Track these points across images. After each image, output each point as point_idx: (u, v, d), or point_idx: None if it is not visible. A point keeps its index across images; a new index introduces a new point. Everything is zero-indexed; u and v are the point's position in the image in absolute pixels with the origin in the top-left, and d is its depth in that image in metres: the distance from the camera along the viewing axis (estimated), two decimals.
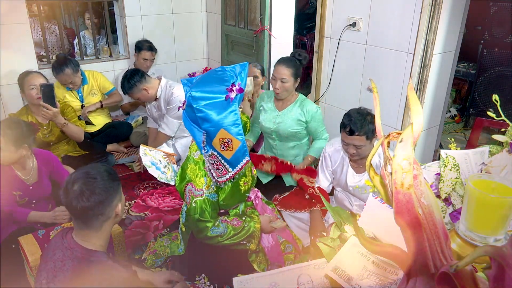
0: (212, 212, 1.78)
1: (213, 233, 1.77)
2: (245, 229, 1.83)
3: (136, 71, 3.02)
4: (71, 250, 1.30)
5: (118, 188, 1.37)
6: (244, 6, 3.64)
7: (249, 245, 1.86)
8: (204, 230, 1.77)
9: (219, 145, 1.65)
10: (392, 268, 0.93)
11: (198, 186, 1.75)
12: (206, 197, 1.76)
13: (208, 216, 1.76)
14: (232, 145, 1.64)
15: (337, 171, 2.26)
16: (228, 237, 1.79)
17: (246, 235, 1.83)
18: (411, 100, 0.77)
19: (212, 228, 1.77)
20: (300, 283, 1.07)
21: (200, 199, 1.75)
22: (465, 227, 0.85)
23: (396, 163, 0.68)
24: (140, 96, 3.05)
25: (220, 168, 1.71)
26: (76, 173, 1.32)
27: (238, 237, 1.82)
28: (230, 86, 1.62)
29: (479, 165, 1.14)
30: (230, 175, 1.72)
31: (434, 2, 2.25)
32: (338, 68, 2.96)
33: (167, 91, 3.09)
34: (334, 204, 2.41)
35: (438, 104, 2.73)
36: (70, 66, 3.14)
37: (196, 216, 1.75)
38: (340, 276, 0.92)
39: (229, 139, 1.64)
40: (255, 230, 1.86)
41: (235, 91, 1.62)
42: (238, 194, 1.87)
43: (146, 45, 3.73)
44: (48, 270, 1.30)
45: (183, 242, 2.04)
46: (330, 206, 1.15)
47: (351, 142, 1.99)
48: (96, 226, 1.33)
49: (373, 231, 1.01)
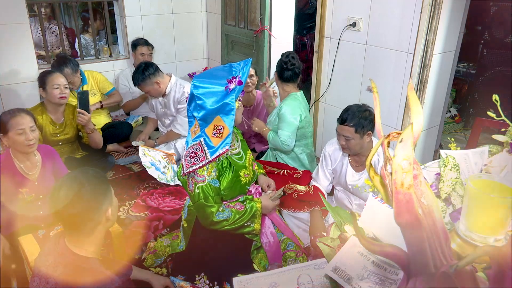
0: (215, 197, 1.83)
1: (219, 217, 1.82)
2: (248, 210, 1.88)
3: (151, 64, 3.04)
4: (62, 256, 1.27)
5: (107, 192, 1.33)
6: (244, 6, 3.64)
7: (253, 225, 1.89)
8: (210, 216, 1.81)
9: (212, 132, 1.77)
10: (392, 268, 0.93)
11: (200, 172, 1.80)
12: (208, 183, 1.81)
13: (212, 201, 1.81)
14: (223, 133, 1.76)
15: (337, 170, 2.27)
16: (233, 220, 1.84)
17: (250, 216, 1.88)
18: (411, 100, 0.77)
19: (217, 213, 1.82)
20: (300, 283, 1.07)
21: (202, 185, 1.80)
22: (465, 227, 0.85)
23: (396, 163, 0.68)
24: (151, 89, 3.05)
25: (200, 155, 1.79)
26: (62, 179, 1.29)
27: (243, 219, 1.86)
28: (231, 78, 1.72)
29: (479, 165, 1.14)
30: (206, 162, 1.78)
31: (434, 2, 2.25)
32: (338, 68, 2.96)
33: (178, 89, 3.09)
34: (334, 204, 2.41)
35: (438, 104, 2.73)
36: (69, 66, 3.14)
37: (201, 201, 1.80)
38: (340, 276, 0.92)
39: (221, 127, 1.76)
40: (257, 209, 1.91)
41: (235, 83, 1.73)
42: (239, 185, 1.92)
43: (141, 41, 3.76)
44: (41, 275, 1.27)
45: (184, 240, 2.05)
46: (330, 206, 1.15)
47: (341, 132, 2.04)
48: (86, 232, 1.30)
49: (373, 231, 1.01)
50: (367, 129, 2.01)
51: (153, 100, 3.30)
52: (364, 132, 2.00)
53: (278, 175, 2.50)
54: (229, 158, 1.89)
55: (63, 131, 2.81)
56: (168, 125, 3.32)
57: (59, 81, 2.67)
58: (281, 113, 2.58)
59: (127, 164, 3.38)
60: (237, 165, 1.91)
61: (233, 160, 1.91)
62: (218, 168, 1.84)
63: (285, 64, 2.58)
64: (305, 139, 2.72)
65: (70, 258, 1.27)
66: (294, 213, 2.32)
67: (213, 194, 1.82)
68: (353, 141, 2.02)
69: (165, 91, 3.09)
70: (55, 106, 2.74)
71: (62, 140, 2.83)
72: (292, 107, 2.57)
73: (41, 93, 2.71)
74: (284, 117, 2.56)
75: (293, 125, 2.56)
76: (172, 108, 3.17)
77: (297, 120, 2.57)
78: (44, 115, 2.73)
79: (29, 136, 2.03)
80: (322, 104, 3.18)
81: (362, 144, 2.05)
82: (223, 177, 1.88)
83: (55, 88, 2.66)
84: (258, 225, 1.91)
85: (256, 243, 2.01)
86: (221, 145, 1.78)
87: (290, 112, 2.56)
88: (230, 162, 1.89)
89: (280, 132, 2.59)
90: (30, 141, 2.04)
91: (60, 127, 2.80)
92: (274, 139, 2.64)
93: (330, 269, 0.94)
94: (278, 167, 2.60)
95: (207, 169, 1.80)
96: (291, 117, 2.55)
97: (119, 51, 4.29)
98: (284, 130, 2.57)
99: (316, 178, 2.38)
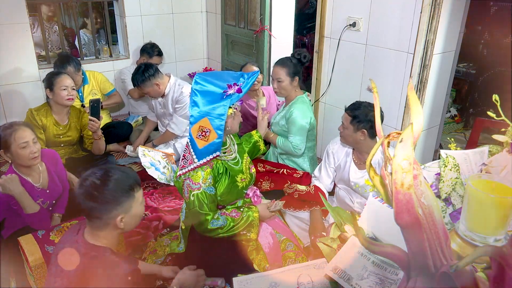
0: (210, 204, 1.81)
1: (213, 225, 1.80)
2: (244, 218, 1.86)
3: (150, 65, 3.05)
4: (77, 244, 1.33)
5: (123, 200, 1.35)
6: (244, 6, 3.64)
7: (249, 234, 1.88)
8: (204, 223, 1.80)
9: (196, 133, 1.73)
10: (392, 268, 0.93)
11: (195, 180, 1.78)
12: (204, 190, 1.79)
13: (206, 209, 1.80)
14: (209, 136, 1.72)
15: (340, 166, 2.28)
16: (228, 228, 1.82)
17: (246, 225, 1.86)
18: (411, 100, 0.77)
19: (212, 221, 1.80)
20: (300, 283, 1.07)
21: (197, 192, 1.78)
22: (465, 227, 0.85)
23: (396, 163, 0.68)
24: (150, 91, 3.06)
25: (188, 157, 1.78)
26: (95, 170, 1.35)
27: (238, 227, 1.84)
28: (232, 84, 1.71)
29: (479, 165, 1.14)
30: (194, 166, 1.76)
31: (434, 2, 2.25)
32: (338, 68, 2.96)
33: (176, 89, 3.10)
34: (336, 202, 2.41)
35: (438, 104, 2.73)
36: (72, 65, 3.17)
37: (195, 209, 1.79)
38: (340, 276, 0.92)
39: (208, 130, 1.71)
40: (254, 219, 1.89)
41: (234, 89, 1.70)
42: (235, 190, 1.91)
43: (156, 51, 3.80)
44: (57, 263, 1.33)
45: (183, 241, 2.05)
46: (330, 206, 1.15)
47: (342, 118, 2.10)
48: (96, 226, 1.35)
49: (373, 231, 1.01)
50: (362, 125, 2.01)
51: (153, 101, 3.31)
52: (359, 127, 2.01)
53: (278, 174, 2.50)
54: (225, 164, 1.87)
55: (66, 133, 2.81)
56: (167, 125, 3.33)
57: (67, 83, 2.68)
58: (292, 117, 2.55)
59: (127, 164, 3.38)
60: (234, 171, 1.90)
61: (229, 166, 1.89)
62: (214, 175, 1.83)
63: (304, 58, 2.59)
64: (309, 142, 2.71)
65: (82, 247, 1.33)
66: (294, 213, 2.32)
67: (208, 201, 1.80)
68: (346, 131, 2.07)
69: (164, 92, 3.10)
70: (61, 107, 2.75)
71: (64, 142, 2.84)
72: (303, 111, 2.55)
73: (48, 94, 2.70)
74: (295, 121, 2.54)
75: (304, 129, 2.56)
76: (170, 108, 3.17)
77: (308, 123, 2.57)
78: (49, 116, 2.74)
79: (33, 149, 2.00)
80: (322, 104, 3.18)
81: (356, 139, 2.06)
82: (220, 183, 1.86)
83: (63, 89, 2.67)
84: (254, 235, 1.90)
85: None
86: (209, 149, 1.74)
87: (301, 116, 2.54)
88: (226, 168, 1.88)
89: (291, 137, 2.57)
90: (34, 154, 2.01)
91: (64, 129, 2.80)
92: (284, 145, 2.61)
93: (330, 269, 0.94)
94: (278, 167, 2.59)
95: (202, 177, 1.78)
96: (302, 121, 2.54)
97: (119, 51, 4.29)
98: (296, 135, 2.55)
99: (318, 176, 2.38)
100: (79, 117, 2.86)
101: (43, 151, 2.21)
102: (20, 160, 2.00)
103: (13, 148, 1.97)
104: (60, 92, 2.66)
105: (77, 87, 3.32)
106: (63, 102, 2.70)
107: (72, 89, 2.70)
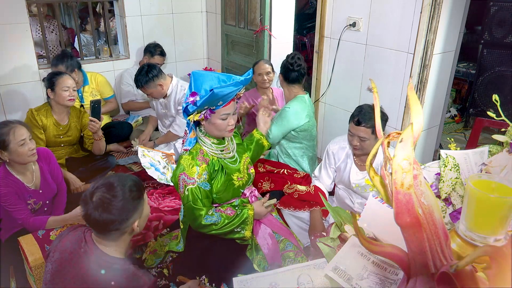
0: (204, 200, 1.82)
1: (207, 221, 1.80)
2: (239, 216, 1.87)
3: (154, 66, 3.04)
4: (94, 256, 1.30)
5: (138, 205, 1.34)
6: (244, 6, 3.64)
7: (243, 232, 1.88)
8: (198, 218, 1.80)
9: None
10: (392, 268, 0.93)
11: (190, 175, 1.79)
12: (198, 185, 1.80)
13: (200, 204, 1.80)
14: None
15: (341, 168, 2.27)
16: (222, 225, 1.83)
17: (240, 222, 1.86)
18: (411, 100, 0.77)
19: (206, 217, 1.80)
20: (300, 283, 1.07)
21: (192, 187, 1.78)
22: (465, 227, 0.85)
23: (396, 163, 0.68)
24: (154, 91, 3.05)
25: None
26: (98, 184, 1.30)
27: (232, 224, 1.85)
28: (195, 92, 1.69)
29: (479, 165, 1.14)
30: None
31: (434, 2, 2.25)
32: (338, 68, 2.96)
33: (179, 91, 3.10)
34: (336, 203, 2.41)
35: (438, 104, 2.73)
36: (69, 61, 3.19)
37: (189, 204, 1.79)
38: (340, 276, 0.92)
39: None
40: (248, 216, 1.89)
41: (194, 99, 1.68)
42: (232, 188, 1.91)
43: (158, 50, 3.78)
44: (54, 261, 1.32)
45: (182, 240, 2.05)
46: (330, 206, 1.15)
47: (357, 133, 2.01)
48: (112, 238, 1.33)
49: (373, 231, 1.01)
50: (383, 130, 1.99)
51: (154, 101, 3.31)
52: None
53: (278, 174, 2.50)
54: (221, 162, 1.87)
55: (66, 133, 2.81)
56: (168, 126, 3.32)
57: (68, 83, 2.68)
58: (283, 110, 2.55)
59: (127, 164, 3.38)
60: (230, 169, 1.90)
61: (225, 164, 1.89)
62: (209, 171, 1.83)
63: (291, 65, 2.52)
64: (308, 141, 2.69)
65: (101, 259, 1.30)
66: (294, 213, 2.32)
67: (202, 197, 1.81)
68: (368, 142, 2.01)
69: (166, 93, 3.10)
70: (61, 107, 2.74)
71: (64, 142, 2.84)
72: (296, 110, 2.53)
73: (49, 94, 2.70)
74: (283, 114, 2.52)
75: (287, 127, 2.53)
76: (172, 109, 3.17)
77: (294, 124, 2.53)
78: (49, 116, 2.73)
79: (30, 146, 2.00)
80: (322, 104, 3.18)
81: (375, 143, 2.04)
82: (215, 180, 1.86)
83: (65, 90, 2.66)
84: (248, 232, 1.89)
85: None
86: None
87: (293, 113, 2.52)
88: (222, 166, 1.88)
89: (272, 126, 2.52)
90: (32, 151, 2.01)
91: (64, 129, 2.80)
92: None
93: (330, 269, 0.94)
94: (278, 166, 2.59)
95: (197, 172, 1.78)
96: (291, 117, 2.52)
97: (119, 51, 4.29)
98: (276, 125, 2.52)
99: (318, 176, 2.38)
100: (79, 117, 2.86)
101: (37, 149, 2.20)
102: (19, 157, 1.98)
103: (12, 146, 1.95)
104: (62, 93, 2.66)
105: (78, 87, 3.33)
106: (64, 103, 2.69)
107: (73, 90, 2.70)
